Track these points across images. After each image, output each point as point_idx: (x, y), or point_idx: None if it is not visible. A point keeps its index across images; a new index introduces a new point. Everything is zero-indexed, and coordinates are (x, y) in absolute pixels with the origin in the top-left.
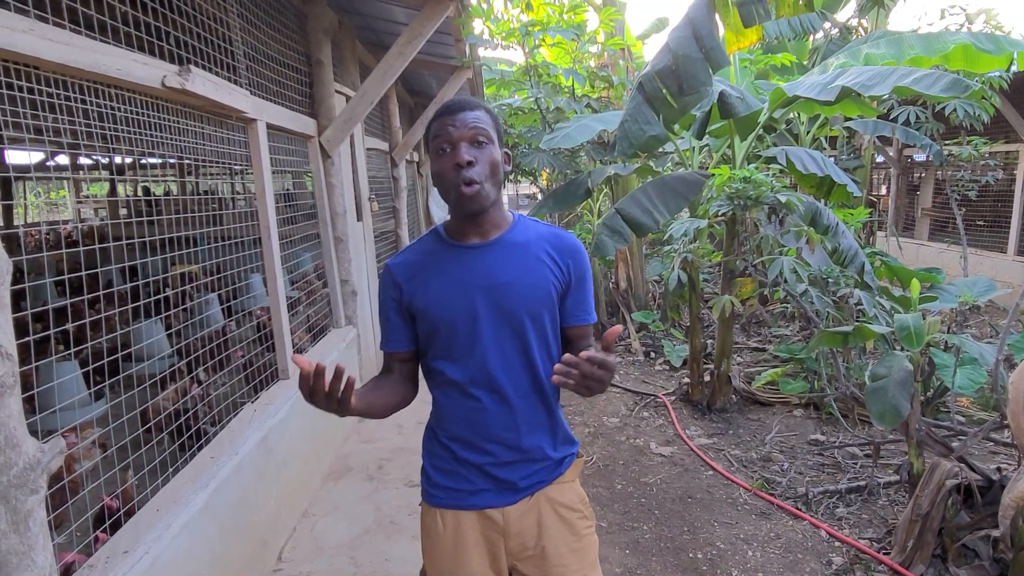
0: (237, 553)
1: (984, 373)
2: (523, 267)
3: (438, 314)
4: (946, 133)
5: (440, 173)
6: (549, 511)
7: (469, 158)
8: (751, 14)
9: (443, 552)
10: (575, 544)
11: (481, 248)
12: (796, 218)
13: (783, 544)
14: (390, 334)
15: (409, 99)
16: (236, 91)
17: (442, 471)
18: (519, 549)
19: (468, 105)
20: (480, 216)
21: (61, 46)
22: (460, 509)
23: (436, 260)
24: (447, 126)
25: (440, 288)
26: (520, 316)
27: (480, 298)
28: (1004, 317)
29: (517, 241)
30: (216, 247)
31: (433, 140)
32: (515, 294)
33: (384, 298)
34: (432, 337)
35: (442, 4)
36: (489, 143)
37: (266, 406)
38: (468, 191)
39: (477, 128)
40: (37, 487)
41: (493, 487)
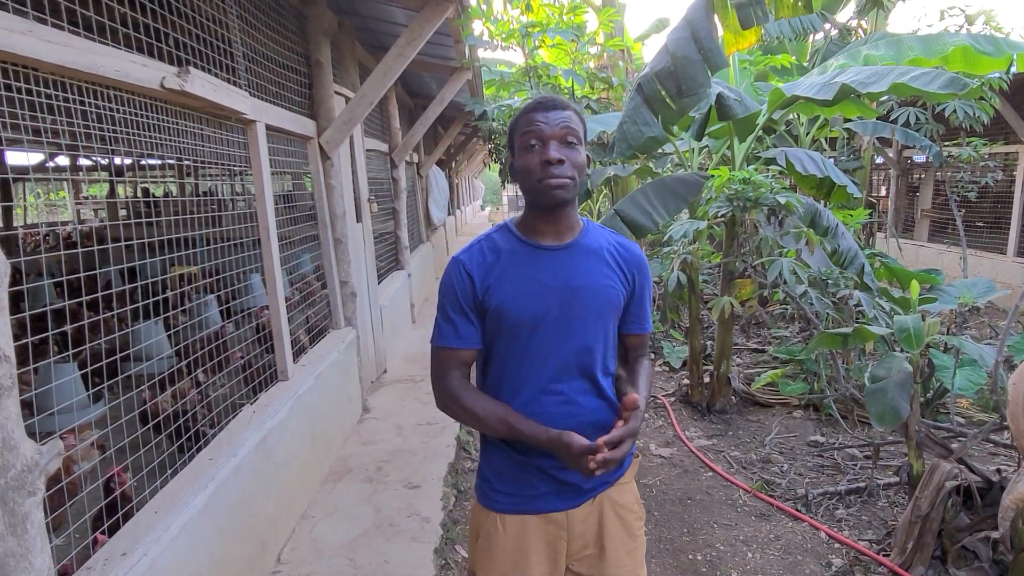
0: (236, 555)
1: (984, 374)
2: (596, 272)
3: (514, 314)
4: (946, 134)
5: (526, 168)
6: (610, 513)
7: (559, 156)
8: (749, 15)
9: (504, 557)
10: (630, 545)
11: (558, 251)
12: (796, 219)
13: (783, 546)
14: (462, 329)
15: (409, 100)
16: (235, 92)
17: (503, 476)
18: (579, 550)
19: (560, 104)
20: (558, 214)
21: (60, 47)
22: (524, 513)
23: (513, 258)
24: (539, 122)
25: (518, 287)
26: (591, 320)
27: (556, 301)
28: (1004, 318)
29: (591, 246)
30: (215, 248)
31: (522, 135)
32: (588, 299)
33: (453, 292)
34: (503, 336)
35: (441, 5)
36: (578, 144)
37: (265, 407)
38: (555, 183)
39: (568, 128)
40: (35, 489)
41: (555, 490)
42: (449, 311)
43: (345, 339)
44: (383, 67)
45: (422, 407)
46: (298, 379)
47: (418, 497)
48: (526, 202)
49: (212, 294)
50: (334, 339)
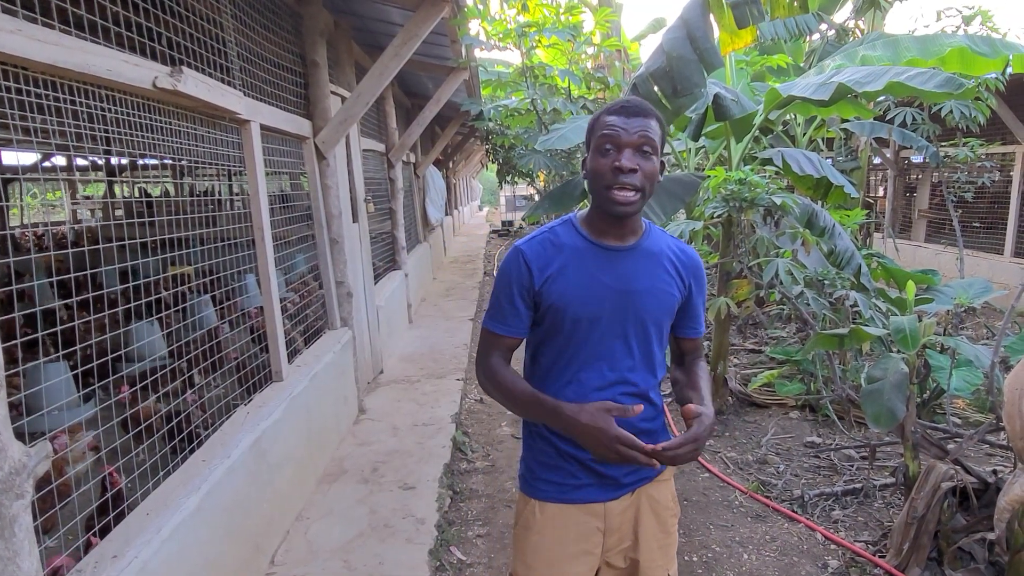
0: (229, 557)
1: (980, 375)
2: (655, 276)
3: (573, 310)
4: (942, 135)
5: (597, 171)
6: (647, 509)
7: (632, 165)
8: (745, 15)
9: (543, 544)
10: (664, 541)
11: (621, 252)
12: (792, 220)
13: (778, 547)
14: (510, 317)
15: (406, 100)
16: (229, 92)
17: (545, 465)
18: (615, 543)
19: (643, 111)
20: (623, 220)
21: (50, 46)
22: (564, 503)
23: (575, 255)
24: (617, 127)
25: (579, 284)
26: (648, 322)
27: (615, 302)
28: (1000, 319)
29: (652, 250)
30: (210, 248)
31: (598, 136)
32: (647, 302)
33: (509, 280)
34: (557, 331)
35: (438, 5)
36: (653, 154)
37: (259, 408)
38: (620, 196)
39: (646, 137)
40: (23, 492)
41: (596, 482)
42: (502, 298)
43: (341, 340)
44: (379, 67)
45: (418, 408)
46: (293, 380)
47: (413, 498)
48: (593, 203)
49: (207, 294)
50: (330, 339)
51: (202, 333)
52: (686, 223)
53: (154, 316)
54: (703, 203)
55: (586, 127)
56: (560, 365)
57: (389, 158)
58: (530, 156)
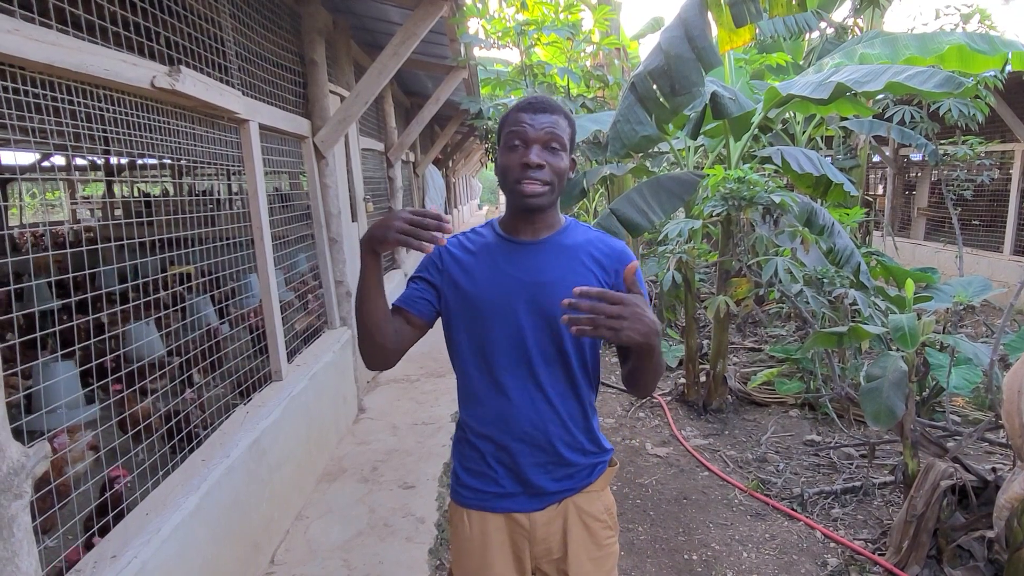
0: (229, 556)
1: (979, 373)
2: (567, 269)
3: (479, 302)
4: (941, 133)
5: (506, 167)
6: (575, 519)
7: (539, 161)
8: (743, 13)
9: (470, 552)
10: (595, 553)
11: (530, 246)
12: (791, 218)
13: (778, 545)
14: (413, 294)
15: (405, 99)
16: (228, 91)
17: (471, 472)
18: (543, 553)
19: (550, 107)
20: (535, 215)
21: (48, 46)
22: (487, 511)
23: (486, 249)
24: (524, 123)
25: (485, 277)
26: (558, 316)
27: (521, 294)
28: (999, 317)
29: (565, 243)
30: (209, 248)
31: (507, 134)
32: (556, 294)
33: (421, 267)
34: (468, 326)
35: (436, 4)
36: (561, 150)
37: (258, 408)
38: (528, 189)
39: (553, 134)
40: (21, 492)
41: (522, 491)
42: (415, 276)
43: (340, 339)
44: (378, 66)
45: (418, 407)
46: (292, 379)
47: (413, 497)
48: (506, 200)
49: (206, 294)
50: (329, 339)
51: (201, 333)
52: (685, 221)
53: (152, 316)
54: (702, 201)
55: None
56: (469, 360)
57: (388, 157)
58: None
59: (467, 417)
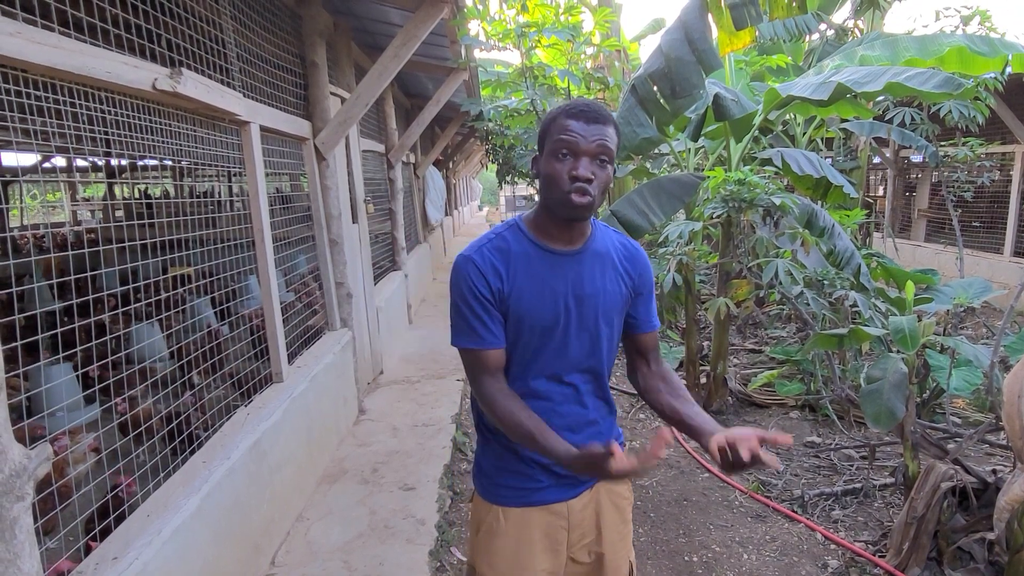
0: (229, 558)
1: (979, 375)
2: (604, 278)
3: (529, 316)
4: (942, 134)
5: (553, 176)
6: (606, 500)
7: (588, 175)
8: (743, 16)
9: (506, 550)
10: (623, 530)
11: (570, 256)
12: (791, 220)
13: (778, 547)
14: (480, 328)
15: (405, 101)
16: (229, 93)
17: (506, 470)
18: (579, 538)
19: (600, 118)
20: (574, 224)
21: (49, 49)
22: (527, 506)
23: (526, 260)
24: (576, 133)
25: (532, 290)
26: (600, 324)
27: (569, 307)
28: (1000, 318)
29: (599, 250)
30: (210, 250)
31: (555, 140)
32: (598, 303)
33: (467, 291)
34: (516, 342)
35: (437, 6)
36: (609, 162)
37: (259, 409)
38: (579, 200)
39: (604, 146)
40: (23, 494)
41: (556, 482)
42: (464, 310)
43: (341, 340)
44: (379, 67)
45: (418, 408)
46: (293, 381)
47: (413, 499)
48: (541, 206)
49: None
50: (330, 340)
51: (202, 335)
52: (685, 223)
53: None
54: (702, 203)
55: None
56: (519, 378)
57: (389, 159)
58: (529, 156)
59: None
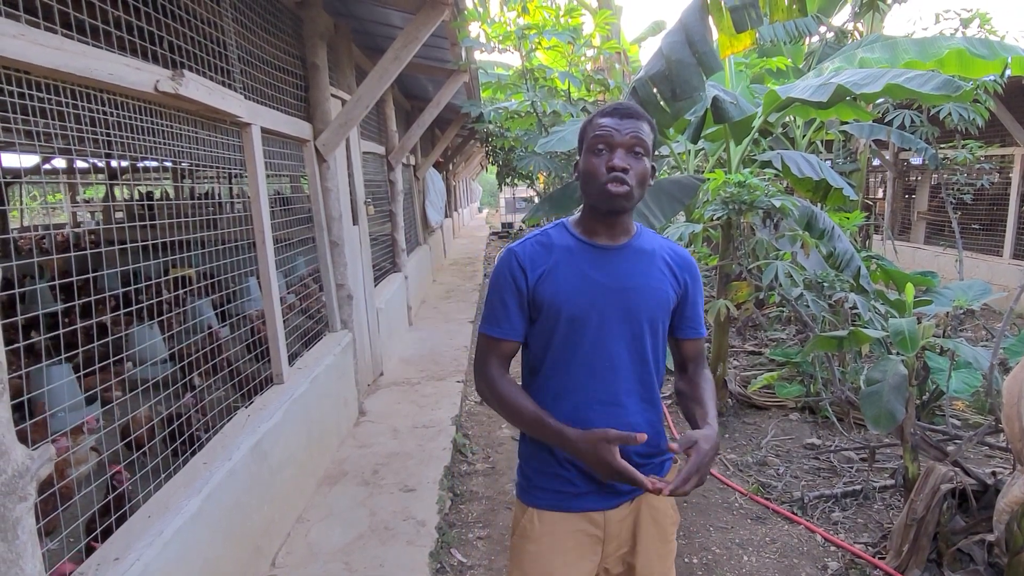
0: (230, 559)
1: (979, 377)
2: (649, 274)
3: (565, 308)
4: (941, 137)
5: (591, 171)
6: (647, 516)
7: (624, 164)
8: (744, 19)
9: (540, 553)
10: (663, 549)
11: (612, 250)
12: (791, 222)
13: (778, 549)
14: (504, 320)
15: (406, 103)
16: (230, 95)
17: (544, 473)
18: (614, 551)
19: (634, 113)
20: (615, 218)
21: (52, 51)
22: (563, 511)
23: (567, 254)
24: (610, 128)
25: (571, 282)
26: (642, 321)
27: (609, 299)
28: (999, 321)
29: (644, 248)
30: (211, 251)
31: (592, 137)
32: (641, 299)
33: (504, 282)
34: (552, 332)
35: (437, 8)
36: (645, 155)
37: (260, 411)
38: (616, 189)
39: (638, 138)
40: (26, 494)
41: (596, 490)
42: (496, 301)
43: (341, 342)
44: (379, 70)
45: (418, 410)
46: (293, 382)
47: (414, 500)
48: (585, 204)
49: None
50: (330, 342)
51: (202, 336)
52: (685, 225)
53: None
54: (702, 205)
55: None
56: (550, 365)
57: (389, 160)
58: (530, 158)
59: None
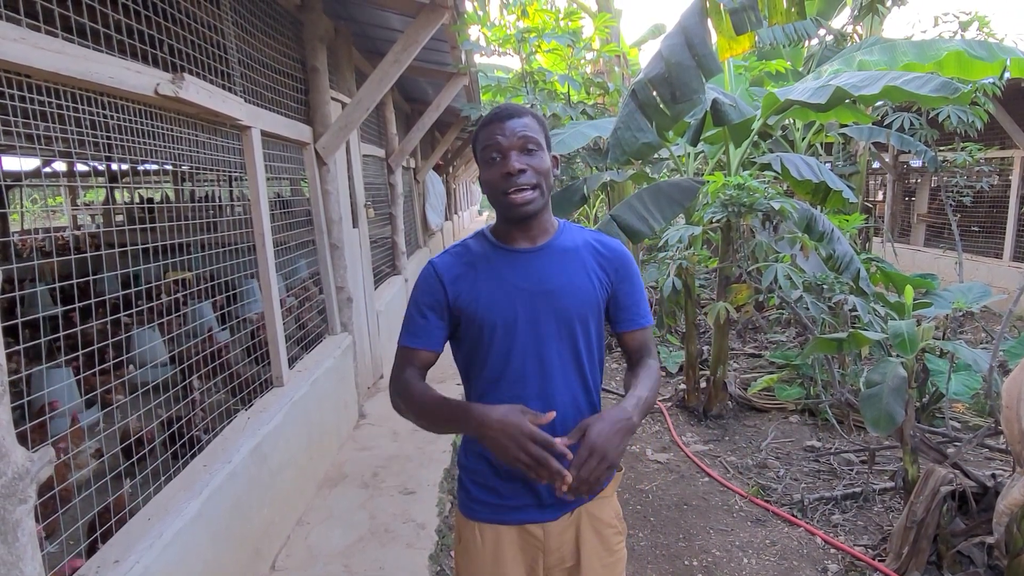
0: (230, 561)
1: (979, 379)
2: (572, 273)
3: (487, 317)
4: (941, 139)
5: (490, 181)
6: (588, 527)
7: (520, 166)
8: (743, 21)
9: (481, 566)
10: (607, 559)
11: (531, 253)
12: (791, 225)
13: (778, 551)
14: (422, 331)
15: (405, 106)
16: (230, 98)
17: (481, 485)
18: (556, 563)
19: (516, 112)
20: (529, 222)
21: (53, 55)
22: (501, 524)
23: (486, 262)
24: (496, 135)
25: (489, 290)
26: (570, 322)
27: (530, 303)
28: (999, 323)
29: (566, 247)
30: (211, 254)
31: (483, 149)
32: (565, 300)
33: (422, 295)
34: (477, 341)
35: (437, 11)
36: (539, 149)
37: (260, 413)
38: (517, 198)
39: (526, 136)
40: (26, 497)
41: (534, 503)
42: (414, 311)
43: (341, 345)
44: (379, 73)
45: None
46: (293, 385)
47: (413, 503)
48: (496, 212)
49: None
50: (330, 345)
51: (202, 339)
52: (685, 228)
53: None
54: (702, 208)
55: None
56: (479, 374)
57: (389, 163)
58: None
59: None
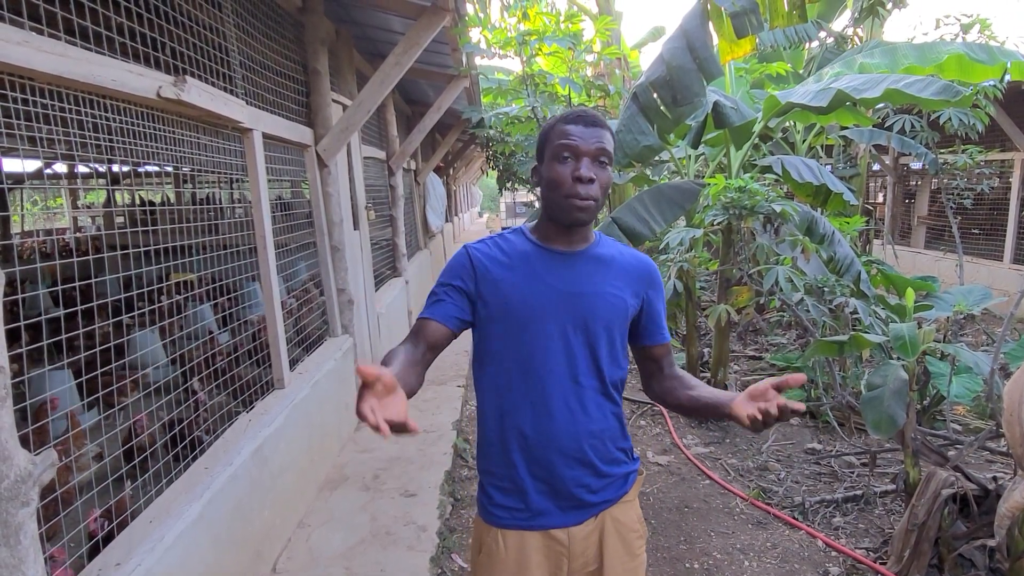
0: (231, 564)
1: (980, 382)
2: (604, 281)
3: (512, 307)
4: (941, 142)
5: (556, 180)
6: (612, 531)
7: (590, 175)
8: (744, 24)
9: (504, 573)
10: (629, 564)
11: (568, 256)
12: (791, 227)
13: (779, 554)
14: (440, 306)
15: (406, 108)
16: (232, 101)
17: (504, 490)
18: (580, 567)
19: (598, 122)
20: (576, 228)
21: (56, 58)
22: (525, 530)
23: (522, 257)
24: (575, 136)
25: (522, 284)
26: (595, 327)
27: (560, 303)
28: (1000, 325)
29: (601, 256)
30: (213, 256)
31: (556, 144)
32: (594, 306)
33: (452, 274)
34: (505, 337)
35: (439, 14)
36: (608, 164)
37: (261, 416)
38: (581, 204)
39: (603, 148)
40: (28, 500)
41: (557, 507)
42: (437, 288)
43: (342, 347)
44: (380, 75)
45: (419, 414)
46: (294, 387)
47: (415, 505)
48: (544, 212)
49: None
50: (331, 347)
51: (203, 341)
52: (686, 230)
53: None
54: (703, 210)
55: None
56: (504, 371)
57: (390, 165)
58: (530, 163)
59: (500, 431)
